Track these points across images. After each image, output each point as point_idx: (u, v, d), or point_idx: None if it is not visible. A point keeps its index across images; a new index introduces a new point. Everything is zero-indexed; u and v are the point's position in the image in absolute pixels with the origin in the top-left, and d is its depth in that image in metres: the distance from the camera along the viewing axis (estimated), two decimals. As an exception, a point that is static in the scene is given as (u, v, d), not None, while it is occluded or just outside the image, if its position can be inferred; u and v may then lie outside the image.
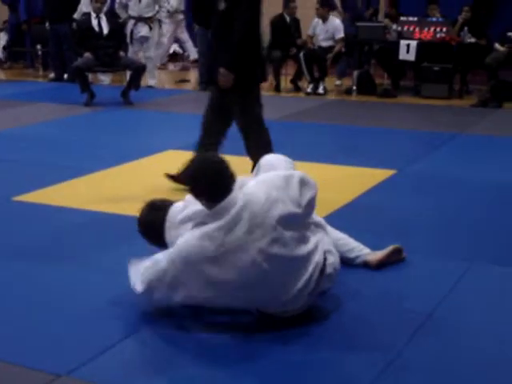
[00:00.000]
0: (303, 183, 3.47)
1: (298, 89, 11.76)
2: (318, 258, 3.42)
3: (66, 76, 12.31)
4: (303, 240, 3.40)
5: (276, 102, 10.92)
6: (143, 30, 11.62)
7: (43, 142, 7.68)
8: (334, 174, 6.32)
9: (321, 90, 11.23)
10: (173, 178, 3.78)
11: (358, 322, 3.55)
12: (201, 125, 5.75)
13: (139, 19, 11.59)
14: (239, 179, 3.41)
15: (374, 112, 9.92)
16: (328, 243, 3.60)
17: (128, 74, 10.76)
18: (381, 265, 4.13)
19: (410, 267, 4.21)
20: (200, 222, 3.34)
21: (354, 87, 11.28)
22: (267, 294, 3.36)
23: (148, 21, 11.63)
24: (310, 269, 3.38)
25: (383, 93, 11.03)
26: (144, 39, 11.66)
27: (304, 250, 3.38)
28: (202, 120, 5.74)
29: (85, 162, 6.71)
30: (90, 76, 10.84)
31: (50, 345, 3.28)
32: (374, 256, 4.15)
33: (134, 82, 10.16)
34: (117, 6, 11.74)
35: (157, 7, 11.74)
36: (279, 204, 3.31)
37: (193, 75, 12.31)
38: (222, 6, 5.28)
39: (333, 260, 3.53)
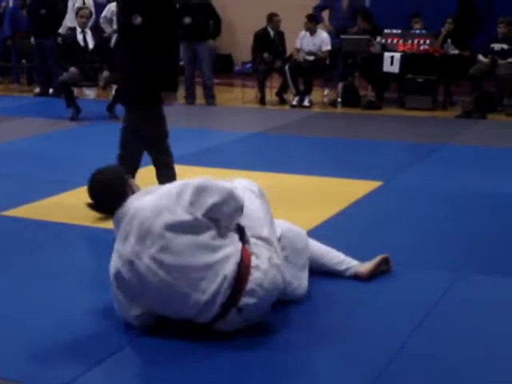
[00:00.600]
0: (200, 190, 3.43)
1: (283, 101, 11.81)
2: (227, 269, 3.33)
3: (51, 91, 12.30)
4: (207, 248, 3.36)
5: (261, 115, 10.98)
6: (130, 45, 11.62)
7: (30, 156, 7.67)
8: (320, 186, 6.36)
9: (306, 103, 11.27)
10: (90, 206, 3.79)
11: (345, 332, 3.55)
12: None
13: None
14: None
15: (359, 124, 9.97)
16: (265, 258, 3.44)
17: (113, 88, 10.77)
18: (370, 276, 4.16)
19: (397, 278, 4.22)
20: None
21: (339, 99, 11.33)
22: (177, 303, 3.36)
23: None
24: (218, 280, 3.32)
25: (368, 105, 11.09)
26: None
27: (208, 258, 3.34)
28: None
29: (72, 176, 6.69)
30: (75, 90, 10.84)
31: (40, 359, 3.28)
32: (364, 268, 4.15)
33: (120, 96, 10.16)
34: (102, 20, 11.73)
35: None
36: (165, 212, 3.35)
37: (179, 88, 12.32)
38: (137, 20, 4.99)
39: (258, 275, 3.38)
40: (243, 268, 3.37)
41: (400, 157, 7.79)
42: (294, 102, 11.37)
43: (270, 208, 3.87)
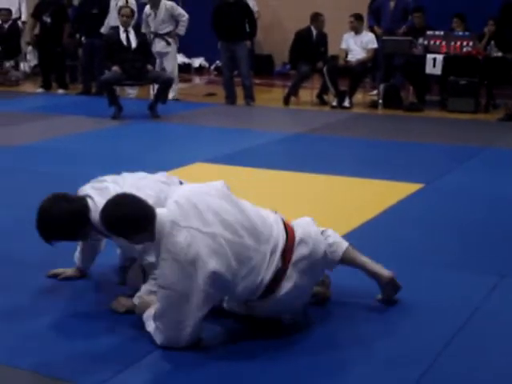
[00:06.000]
0: None
1: (323, 103, 11.78)
2: (280, 228, 3.58)
3: (94, 89, 12.42)
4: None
5: (301, 116, 10.97)
6: (158, 46, 11.63)
7: (71, 154, 7.74)
8: (361, 188, 6.34)
9: (346, 104, 11.23)
10: None
11: (385, 335, 3.56)
12: None
13: (156, 35, 11.65)
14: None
15: (400, 125, 9.92)
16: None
17: (155, 87, 10.83)
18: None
19: (439, 281, 4.20)
20: None
21: (380, 101, 11.28)
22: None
23: (165, 36, 11.65)
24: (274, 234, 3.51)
25: (409, 107, 11.03)
26: (163, 54, 11.69)
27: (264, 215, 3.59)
28: None
29: (112, 174, 6.73)
30: (118, 89, 10.92)
31: (78, 359, 3.33)
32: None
33: (161, 96, 10.21)
34: (143, 21, 11.84)
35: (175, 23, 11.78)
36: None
37: (220, 89, 12.35)
38: None
39: (300, 231, 3.59)
40: (287, 226, 3.56)
41: (442, 159, 7.73)
42: (334, 103, 11.34)
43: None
